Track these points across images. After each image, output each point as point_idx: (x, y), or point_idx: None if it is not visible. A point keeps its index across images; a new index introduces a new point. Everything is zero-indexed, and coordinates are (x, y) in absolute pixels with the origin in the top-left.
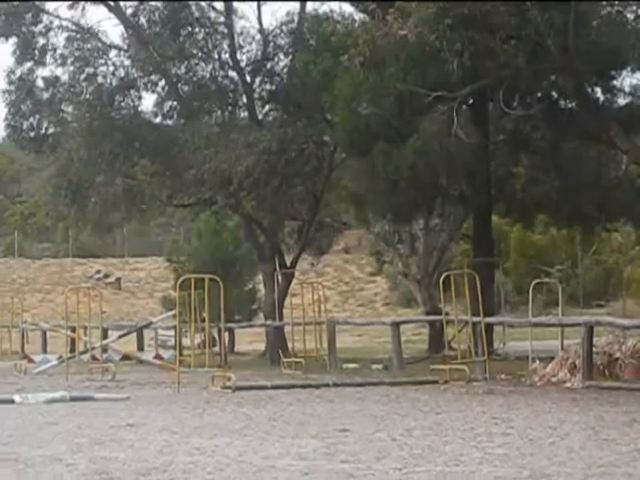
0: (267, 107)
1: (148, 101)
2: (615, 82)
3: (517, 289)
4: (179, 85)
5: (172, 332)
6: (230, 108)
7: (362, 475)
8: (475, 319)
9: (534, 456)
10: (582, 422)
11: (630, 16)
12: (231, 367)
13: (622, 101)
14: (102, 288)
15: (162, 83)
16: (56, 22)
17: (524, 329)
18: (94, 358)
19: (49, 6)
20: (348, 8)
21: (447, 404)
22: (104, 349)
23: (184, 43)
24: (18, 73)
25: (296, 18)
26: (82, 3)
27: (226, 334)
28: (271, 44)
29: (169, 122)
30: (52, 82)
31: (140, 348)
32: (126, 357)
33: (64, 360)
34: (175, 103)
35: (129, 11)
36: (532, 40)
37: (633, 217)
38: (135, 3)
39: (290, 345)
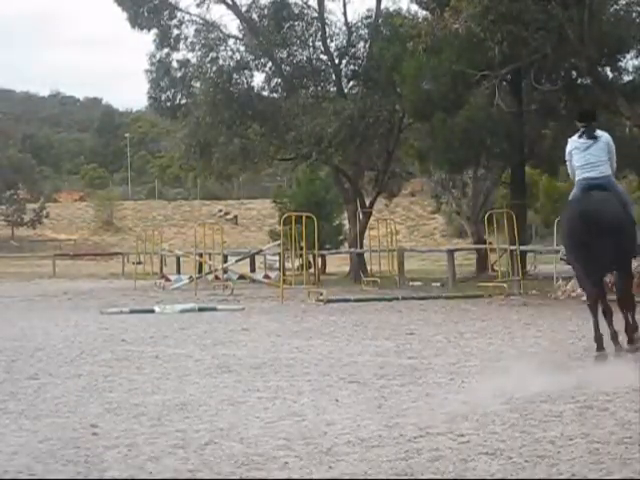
0: (351, 83)
1: (258, 79)
2: (621, 64)
3: (545, 224)
4: (282, 66)
5: (277, 257)
6: (322, 84)
7: (424, 368)
8: (512, 247)
9: (558, 353)
10: None
11: (633, 14)
12: (323, 285)
13: (626, 78)
14: (223, 223)
15: (269, 65)
16: (187, 17)
17: (550, 255)
18: (217, 277)
19: (182, 4)
20: (414, 6)
21: (490, 313)
22: (225, 271)
23: (286, 33)
24: (157, 57)
25: (373, 14)
26: (207, 2)
27: (319, 259)
28: (354, 34)
29: (275, 95)
30: (184, 64)
31: (252, 270)
32: (241, 277)
33: (193, 279)
34: (279, 80)
35: (244, 8)
36: (556, 31)
37: (635, 168)
38: (249, 1)
39: (368, 267)
